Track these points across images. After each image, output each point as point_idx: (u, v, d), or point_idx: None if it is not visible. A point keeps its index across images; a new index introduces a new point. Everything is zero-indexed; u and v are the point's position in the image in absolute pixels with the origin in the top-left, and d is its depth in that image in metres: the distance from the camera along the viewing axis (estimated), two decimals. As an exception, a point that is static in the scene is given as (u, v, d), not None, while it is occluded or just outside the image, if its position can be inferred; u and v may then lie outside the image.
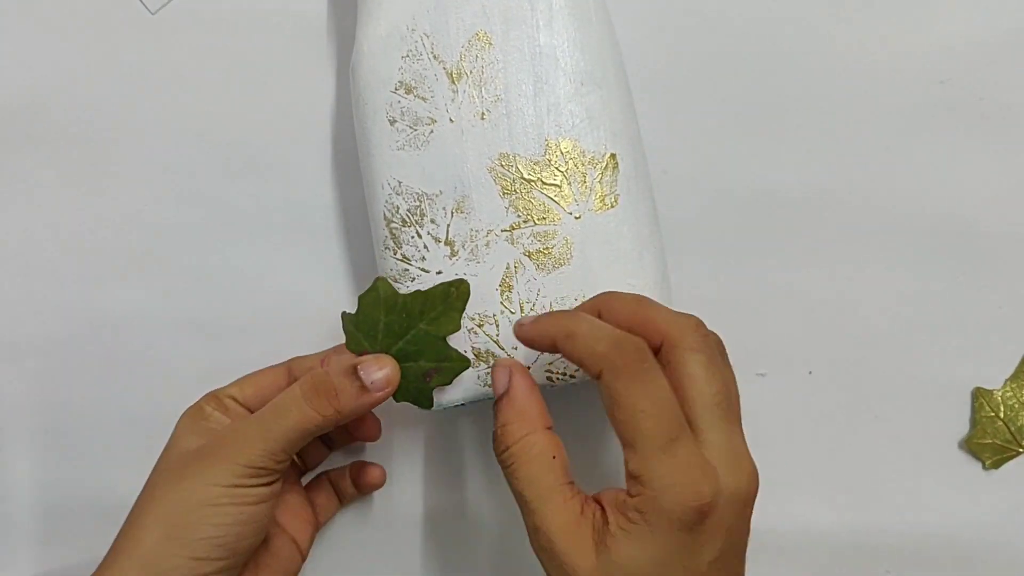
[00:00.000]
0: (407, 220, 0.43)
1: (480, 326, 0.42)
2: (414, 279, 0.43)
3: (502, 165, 0.42)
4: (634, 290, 0.42)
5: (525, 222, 0.42)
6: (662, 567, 0.35)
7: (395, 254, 0.43)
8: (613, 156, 0.42)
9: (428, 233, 0.43)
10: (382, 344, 0.42)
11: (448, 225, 0.42)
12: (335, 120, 0.50)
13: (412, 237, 0.43)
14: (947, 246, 0.49)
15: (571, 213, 0.42)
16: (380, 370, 0.40)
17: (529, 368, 0.42)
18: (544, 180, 0.42)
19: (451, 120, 0.42)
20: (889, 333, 0.49)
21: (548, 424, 0.38)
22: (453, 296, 0.42)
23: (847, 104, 0.49)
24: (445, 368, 0.42)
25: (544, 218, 0.42)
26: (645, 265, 0.43)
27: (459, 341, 0.43)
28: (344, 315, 0.43)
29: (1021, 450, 0.49)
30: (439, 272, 0.43)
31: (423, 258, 0.43)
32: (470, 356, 0.42)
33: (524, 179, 0.42)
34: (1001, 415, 0.49)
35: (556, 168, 0.42)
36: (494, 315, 0.42)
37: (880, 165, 0.49)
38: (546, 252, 0.42)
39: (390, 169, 0.43)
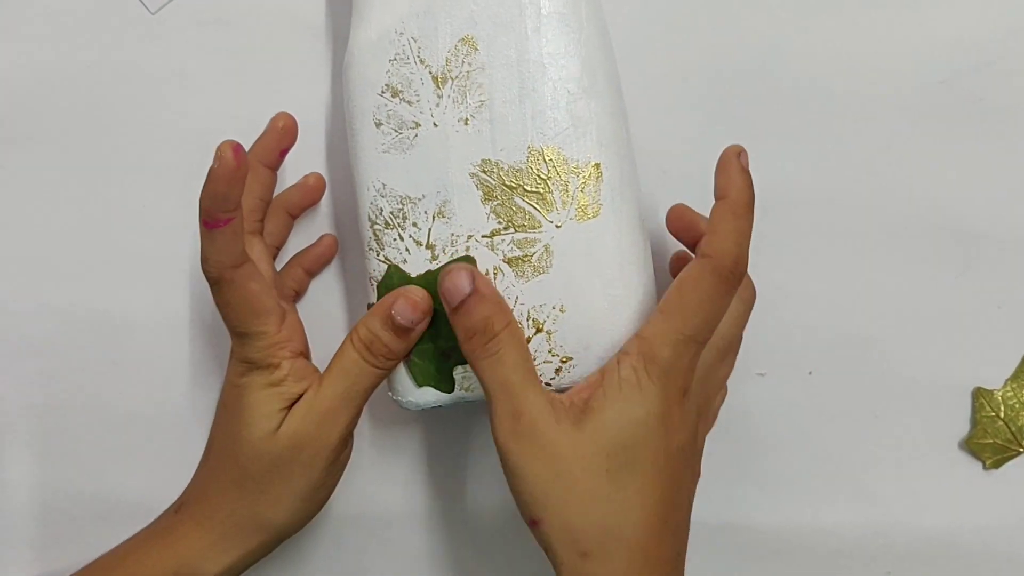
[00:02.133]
0: (390, 222, 0.43)
1: None
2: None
3: (484, 171, 0.42)
4: (614, 300, 0.42)
5: (506, 229, 0.42)
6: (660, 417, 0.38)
7: (378, 255, 0.43)
8: (597, 166, 0.42)
9: (410, 236, 0.43)
10: None
11: (429, 229, 0.42)
12: (333, 121, 0.50)
13: (394, 239, 0.43)
14: (947, 246, 0.49)
15: (552, 221, 0.42)
16: (412, 309, 0.41)
17: None
18: (526, 187, 0.42)
19: (435, 124, 0.42)
20: (889, 333, 0.49)
21: None
22: None
23: (847, 104, 0.49)
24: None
25: (525, 225, 0.42)
26: (626, 276, 0.42)
27: None
28: (369, 307, 0.44)
29: (1022, 450, 0.49)
30: (419, 276, 0.43)
31: (404, 260, 0.43)
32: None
33: (506, 185, 0.42)
34: (1001, 415, 0.49)
35: (539, 176, 0.42)
36: None
37: (880, 165, 0.49)
38: (526, 259, 0.42)
39: (375, 171, 0.43)
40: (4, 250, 0.51)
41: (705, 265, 0.38)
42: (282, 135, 0.47)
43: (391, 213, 0.43)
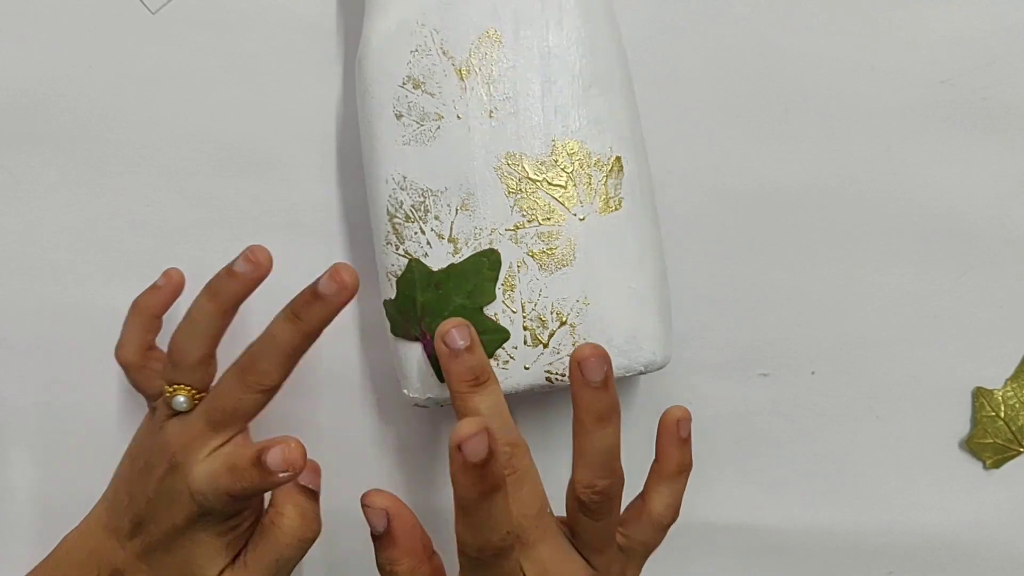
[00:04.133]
0: (411, 216, 0.43)
1: None
2: None
3: (508, 164, 0.42)
4: (634, 293, 0.42)
5: (530, 222, 0.42)
6: None
7: (397, 249, 0.43)
8: (619, 159, 0.42)
9: (432, 229, 0.43)
10: (423, 323, 0.42)
11: (452, 222, 0.42)
12: (335, 120, 0.50)
13: (415, 233, 0.43)
14: (947, 246, 0.49)
15: (575, 214, 0.42)
16: (282, 457, 0.39)
17: (528, 368, 0.42)
18: (550, 181, 0.42)
19: (459, 117, 0.42)
20: (890, 333, 0.49)
21: (431, 552, 0.41)
22: (485, 267, 0.42)
23: (849, 103, 0.49)
24: (485, 341, 0.42)
25: (548, 219, 0.42)
26: (646, 268, 0.43)
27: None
28: (385, 302, 0.44)
29: (1022, 450, 0.49)
30: (441, 269, 0.43)
31: (426, 254, 0.43)
32: None
33: (530, 179, 0.42)
34: (1002, 415, 0.49)
35: (562, 169, 0.42)
36: (495, 314, 0.42)
37: (881, 164, 0.49)
38: (549, 252, 0.42)
39: (395, 164, 0.43)
40: (5, 250, 0.51)
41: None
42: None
43: (412, 206, 0.43)
